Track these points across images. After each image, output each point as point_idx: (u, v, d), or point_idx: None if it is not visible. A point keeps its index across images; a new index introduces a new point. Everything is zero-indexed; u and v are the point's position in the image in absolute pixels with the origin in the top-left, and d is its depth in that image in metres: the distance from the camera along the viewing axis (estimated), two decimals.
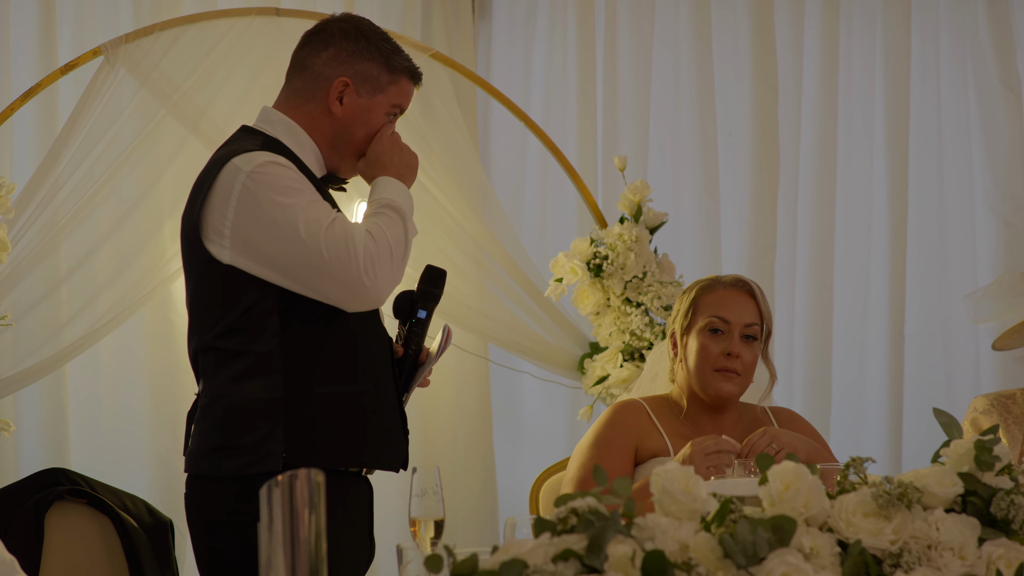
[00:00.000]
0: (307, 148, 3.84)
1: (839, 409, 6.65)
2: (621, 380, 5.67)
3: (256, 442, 3.71)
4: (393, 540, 5.63)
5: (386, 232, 3.70)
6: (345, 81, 3.82)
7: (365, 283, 3.64)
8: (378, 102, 3.86)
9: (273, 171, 3.66)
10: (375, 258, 3.64)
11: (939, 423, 3.02)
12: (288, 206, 3.63)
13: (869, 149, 6.75)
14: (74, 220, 5.27)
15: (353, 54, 3.84)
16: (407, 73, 3.89)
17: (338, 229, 3.63)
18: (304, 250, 3.63)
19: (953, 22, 6.79)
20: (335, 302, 3.70)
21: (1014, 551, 2.77)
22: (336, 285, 3.66)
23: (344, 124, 3.85)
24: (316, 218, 3.63)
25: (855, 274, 6.73)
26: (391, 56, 3.87)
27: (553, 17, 6.48)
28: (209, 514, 3.82)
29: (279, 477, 2.50)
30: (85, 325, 5.32)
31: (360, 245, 3.63)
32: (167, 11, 5.68)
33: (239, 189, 3.66)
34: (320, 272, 3.65)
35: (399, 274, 3.74)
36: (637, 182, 5.80)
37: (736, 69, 6.63)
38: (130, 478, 5.53)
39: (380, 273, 3.66)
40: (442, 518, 3.44)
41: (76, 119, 5.25)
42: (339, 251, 3.62)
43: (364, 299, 3.69)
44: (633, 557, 2.51)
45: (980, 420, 5.27)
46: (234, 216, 3.68)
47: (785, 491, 2.72)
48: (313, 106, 3.85)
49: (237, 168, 3.67)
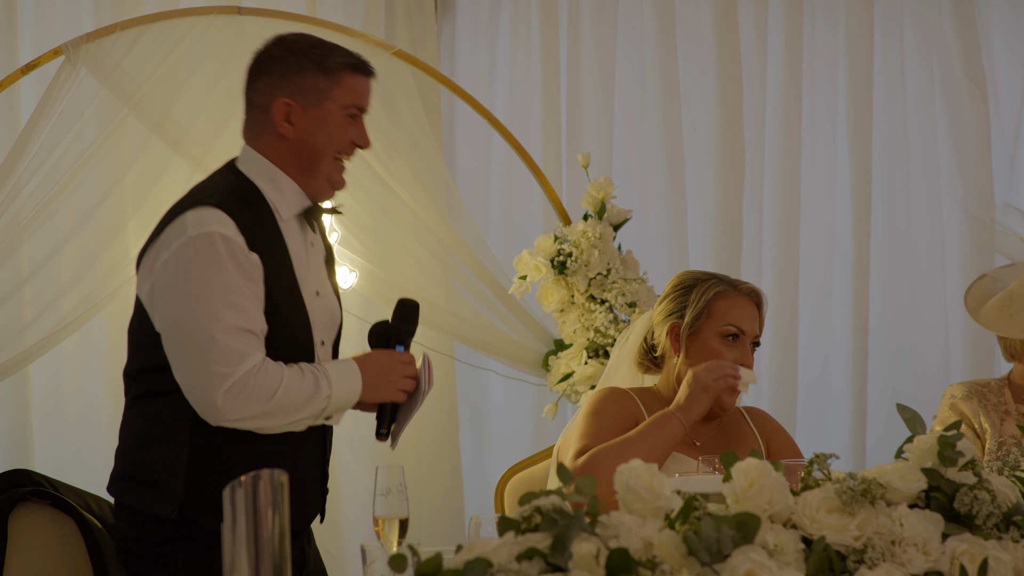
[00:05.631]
0: (283, 187, 3.77)
1: (804, 404, 6.68)
2: (586, 377, 5.67)
3: (155, 482, 3.69)
4: (358, 539, 5.63)
5: (286, 381, 3.60)
6: (286, 102, 3.74)
7: (217, 404, 3.56)
8: (327, 109, 3.76)
9: (210, 245, 3.59)
10: (249, 388, 3.56)
11: (902, 419, 3.03)
12: (204, 289, 3.57)
13: (833, 145, 6.78)
14: (36, 220, 5.25)
15: (284, 74, 3.75)
16: (347, 69, 3.78)
17: (233, 339, 3.56)
18: (189, 336, 3.58)
19: (917, 17, 6.82)
20: (188, 399, 3.63)
21: (978, 546, 2.78)
22: (192, 384, 3.60)
23: (301, 139, 3.76)
24: (220, 317, 3.56)
25: (820, 269, 6.76)
26: (324, 59, 3.76)
27: (517, 15, 6.47)
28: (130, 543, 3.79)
29: (242, 478, 2.49)
30: (48, 325, 5.30)
31: (244, 368, 3.55)
32: (129, 10, 5.66)
33: (176, 247, 3.61)
34: (190, 357, 3.59)
35: (262, 423, 3.61)
36: (600, 179, 5.80)
37: (700, 66, 6.64)
38: (94, 479, 5.49)
39: (239, 406, 3.56)
40: (406, 517, 3.44)
41: (37, 119, 5.23)
42: (220, 355, 3.55)
43: (208, 415, 3.60)
44: (597, 555, 2.51)
45: (960, 405, 5.29)
46: (161, 268, 3.64)
47: (749, 488, 2.73)
48: (269, 137, 3.78)
49: (184, 227, 3.62)
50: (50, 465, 5.48)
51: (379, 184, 5.64)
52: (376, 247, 5.69)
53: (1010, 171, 6.93)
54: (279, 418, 3.61)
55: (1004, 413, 5.27)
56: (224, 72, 5.39)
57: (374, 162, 5.63)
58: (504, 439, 6.45)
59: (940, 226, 6.79)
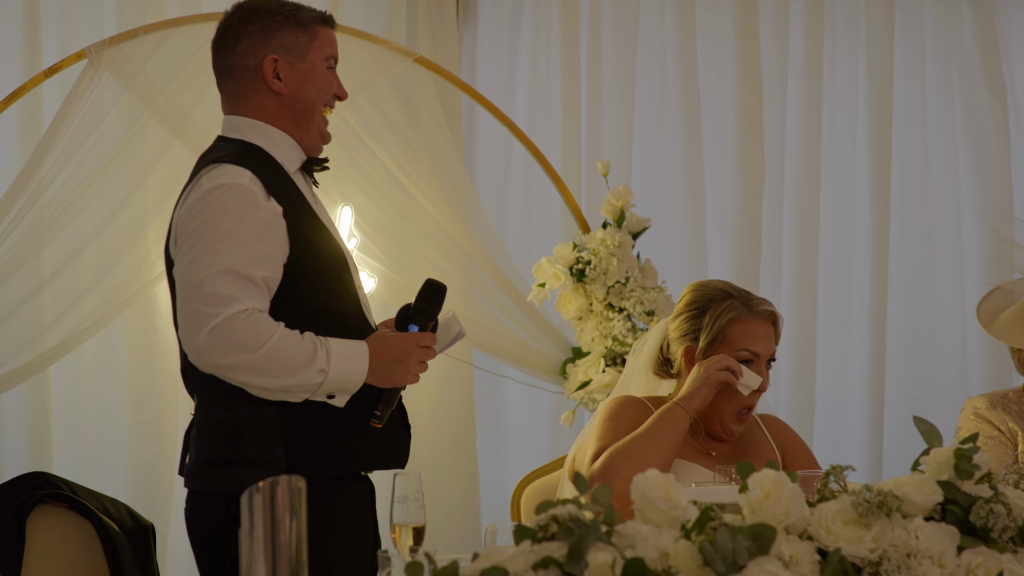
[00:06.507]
0: (280, 141, 3.83)
1: (822, 414, 6.67)
2: (603, 385, 5.68)
3: (255, 455, 3.70)
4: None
5: (278, 337, 3.59)
6: (273, 58, 3.81)
7: (200, 343, 3.56)
8: (311, 61, 3.84)
9: (225, 195, 3.63)
10: (234, 332, 3.55)
11: (919, 431, 3.03)
12: (209, 236, 3.61)
13: (853, 154, 6.77)
14: (58, 223, 5.27)
15: (264, 32, 3.82)
16: (319, 22, 3.88)
17: (223, 283, 3.57)
18: (185, 279, 3.62)
19: (938, 27, 6.82)
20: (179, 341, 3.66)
21: (993, 559, 2.78)
22: (181, 325, 3.63)
23: (292, 94, 3.83)
24: (214, 262, 3.58)
25: (838, 278, 6.75)
26: (297, 15, 3.85)
27: (538, 22, 6.47)
28: (210, 527, 3.79)
29: (260, 484, 2.50)
30: (68, 328, 5.32)
31: (232, 310, 3.56)
32: (151, 14, 5.67)
33: (191, 201, 3.66)
34: (183, 301, 3.62)
35: (248, 377, 3.59)
36: (620, 187, 5.81)
37: (721, 74, 6.63)
38: (112, 482, 5.52)
39: (223, 349, 3.55)
40: (423, 524, 3.44)
41: (60, 122, 5.25)
42: (207, 296, 3.56)
43: (192, 356, 3.60)
44: (613, 565, 2.52)
45: (986, 414, 5.25)
46: (176, 222, 3.69)
47: (765, 499, 2.73)
48: (259, 98, 3.84)
49: (200, 185, 3.67)
50: (68, 468, 5.50)
51: (399, 189, 5.65)
52: (395, 252, 5.70)
53: None
54: (266, 376, 3.58)
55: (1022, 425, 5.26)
56: None
57: (394, 167, 5.64)
58: (521, 447, 6.44)
59: (959, 236, 6.78)
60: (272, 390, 3.62)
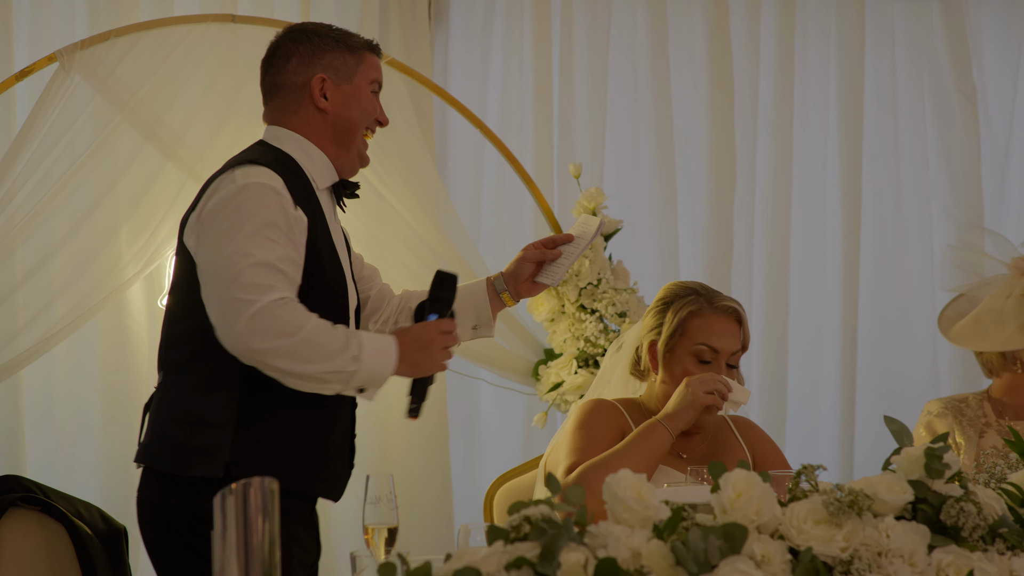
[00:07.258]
0: (316, 158, 3.92)
1: (794, 414, 6.69)
2: (575, 387, 5.68)
3: (201, 444, 3.72)
4: (348, 547, 5.63)
5: (314, 324, 3.62)
6: (321, 77, 3.91)
7: (239, 328, 3.58)
8: (357, 84, 3.96)
9: (259, 194, 3.68)
10: (273, 317, 3.57)
11: (890, 431, 3.04)
12: (244, 229, 3.64)
13: (824, 156, 6.79)
14: (29, 226, 5.26)
15: (314, 53, 3.94)
16: (367, 48, 4.01)
17: (260, 273, 3.60)
18: (221, 268, 3.63)
19: (908, 30, 6.84)
20: (214, 328, 3.66)
21: (963, 558, 2.79)
22: (218, 312, 3.63)
23: (337, 114, 3.93)
24: (252, 252, 3.61)
25: (810, 280, 6.77)
26: (346, 39, 3.99)
27: (510, 24, 6.48)
28: (163, 512, 3.81)
29: (232, 485, 2.50)
30: (41, 331, 5.30)
31: (270, 297, 3.59)
32: (123, 18, 5.66)
33: (224, 194, 3.70)
34: (218, 289, 3.63)
35: (286, 363, 3.61)
36: (592, 189, 5.82)
37: (692, 76, 6.65)
38: (85, 485, 5.51)
39: (262, 333, 3.58)
40: (396, 526, 3.45)
41: (31, 125, 5.24)
42: (245, 285, 3.59)
43: (231, 342, 3.62)
44: (586, 565, 2.52)
45: (935, 423, 5.32)
46: (207, 212, 3.72)
47: (737, 499, 2.74)
48: (304, 113, 3.93)
49: (234, 179, 3.71)
50: (41, 471, 5.48)
51: (371, 192, 5.64)
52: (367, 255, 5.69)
53: (1000, 184, 6.95)
54: (303, 361, 3.60)
55: (984, 426, 5.29)
56: (218, 80, 5.41)
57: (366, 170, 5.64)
58: (494, 448, 6.44)
59: (929, 236, 6.81)
60: (308, 377, 3.63)
